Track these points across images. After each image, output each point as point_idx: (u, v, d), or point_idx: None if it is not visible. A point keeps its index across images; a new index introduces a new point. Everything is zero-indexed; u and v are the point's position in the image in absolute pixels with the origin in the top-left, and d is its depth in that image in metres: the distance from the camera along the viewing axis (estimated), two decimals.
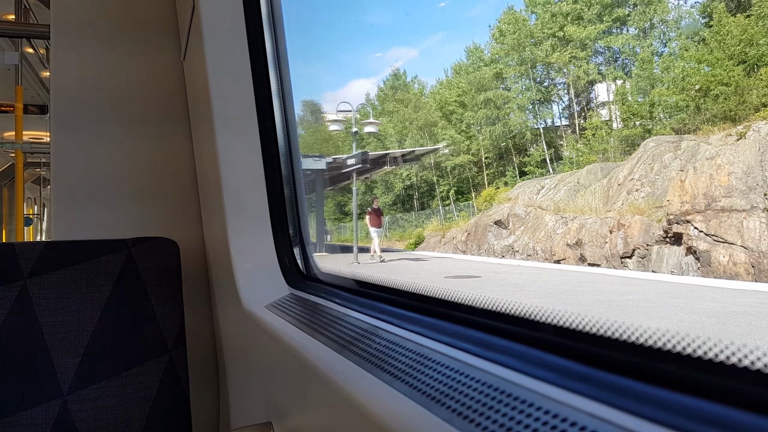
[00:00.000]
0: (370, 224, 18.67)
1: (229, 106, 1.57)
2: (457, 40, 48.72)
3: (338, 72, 49.03)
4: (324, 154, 27.34)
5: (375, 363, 0.69)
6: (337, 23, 46.74)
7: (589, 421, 0.40)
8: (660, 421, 0.38)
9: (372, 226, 18.59)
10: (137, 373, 1.60)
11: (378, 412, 0.58)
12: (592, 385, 0.46)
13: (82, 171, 1.94)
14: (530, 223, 17.18)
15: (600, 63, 27.88)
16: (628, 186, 14.69)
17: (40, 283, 1.56)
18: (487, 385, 0.53)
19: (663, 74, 22.73)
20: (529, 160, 28.94)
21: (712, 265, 9.91)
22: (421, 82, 37.64)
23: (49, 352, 1.53)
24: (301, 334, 0.94)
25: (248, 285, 1.47)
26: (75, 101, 1.94)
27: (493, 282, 10.35)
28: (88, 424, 1.52)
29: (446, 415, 0.50)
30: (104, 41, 1.99)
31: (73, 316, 1.57)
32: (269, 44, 1.59)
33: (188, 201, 2.06)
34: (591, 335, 0.53)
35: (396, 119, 34.95)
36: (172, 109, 2.06)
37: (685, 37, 22.27)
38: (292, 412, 1.00)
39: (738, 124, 13.89)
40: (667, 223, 11.31)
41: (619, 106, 24.62)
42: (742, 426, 0.34)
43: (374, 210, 19.54)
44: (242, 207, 1.56)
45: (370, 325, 0.87)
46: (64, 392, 1.52)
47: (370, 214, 19.14)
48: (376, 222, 18.84)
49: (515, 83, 30.59)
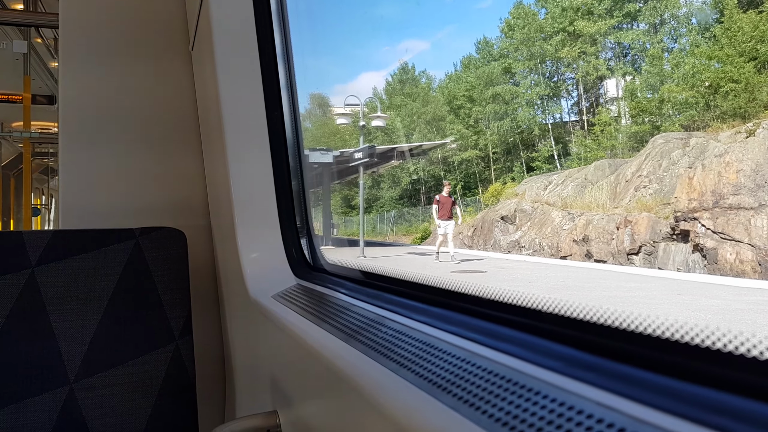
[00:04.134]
0: (438, 216, 13.99)
1: (237, 99, 1.57)
2: (466, 33, 48.53)
3: (348, 65, 48.98)
4: (331, 147, 27.32)
5: (381, 352, 0.69)
6: (348, 16, 46.64)
7: (595, 408, 0.40)
8: (666, 408, 0.38)
9: (441, 219, 13.90)
10: (144, 361, 1.61)
11: (384, 400, 0.58)
12: (598, 374, 0.46)
13: (89, 160, 1.95)
14: (537, 219, 17.14)
15: (609, 59, 27.71)
16: (636, 182, 14.62)
17: (48, 271, 1.57)
18: (493, 374, 0.53)
19: (673, 71, 22.57)
20: (536, 156, 28.82)
21: (718, 263, 9.86)
22: (429, 76, 37.55)
23: (57, 339, 1.54)
24: (307, 324, 0.94)
25: (255, 275, 1.47)
26: (83, 89, 1.95)
27: (498, 277, 10.34)
28: (95, 412, 1.53)
29: (452, 403, 0.50)
30: (113, 32, 1.99)
31: (80, 304, 1.58)
32: (278, 38, 1.59)
33: (196, 191, 2.06)
34: (596, 325, 0.53)
35: (404, 113, 34.88)
36: (181, 101, 2.06)
37: (696, 33, 22.11)
38: (298, 400, 1.01)
39: (748, 122, 13.79)
40: (675, 220, 11.25)
41: (628, 102, 24.47)
42: (748, 413, 0.34)
43: (444, 197, 14.36)
44: (250, 198, 1.56)
45: (376, 315, 0.87)
46: (71, 380, 1.53)
47: (438, 202, 14.23)
48: (446, 212, 13.93)
49: (524, 78, 30.46)
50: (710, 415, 0.35)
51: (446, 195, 14.36)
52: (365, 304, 0.98)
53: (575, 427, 0.39)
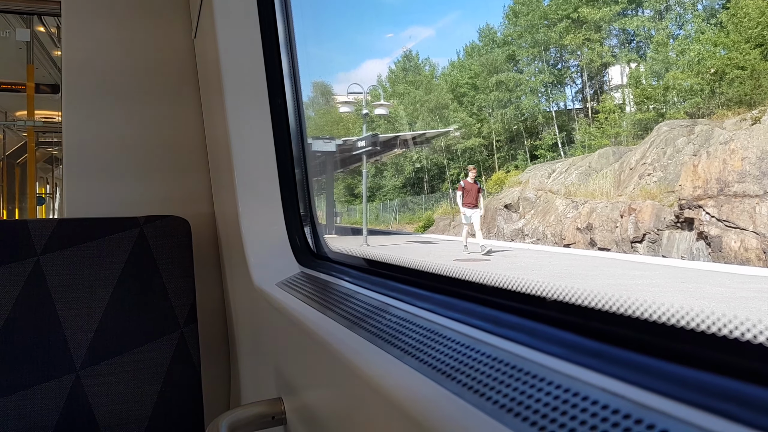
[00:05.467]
0: (463, 203, 12.97)
1: (240, 86, 1.57)
2: (471, 20, 48.19)
3: (352, 52, 48.73)
4: (334, 136, 27.26)
5: (385, 339, 0.69)
6: (352, 1, 46.34)
7: (600, 395, 0.41)
8: (670, 394, 0.38)
9: (465, 206, 12.89)
10: (149, 349, 1.62)
11: (388, 386, 0.58)
12: (603, 360, 0.46)
13: (94, 149, 1.95)
14: (540, 207, 17.11)
15: (614, 45, 27.52)
16: (640, 170, 14.57)
17: (53, 259, 1.58)
18: (498, 360, 0.53)
19: (678, 57, 22.41)
20: (540, 144, 28.72)
21: (723, 251, 9.84)
22: (433, 63, 37.35)
23: (63, 327, 1.55)
24: (311, 311, 0.95)
25: (259, 263, 1.48)
26: (86, 78, 1.95)
27: (501, 265, 10.34)
28: (101, 399, 1.54)
29: (457, 389, 0.50)
30: (115, 18, 1.98)
31: (85, 292, 1.59)
32: (281, 24, 1.58)
33: (200, 179, 2.06)
34: (601, 312, 0.53)
35: (407, 101, 34.77)
36: (184, 88, 2.06)
37: (701, 19, 21.92)
38: (302, 387, 1.01)
39: (753, 109, 13.71)
40: (679, 208, 11.23)
41: (632, 90, 24.33)
42: (753, 399, 0.34)
43: (469, 183, 13.26)
44: (253, 186, 1.57)
45: (380, 302, 0.88)
46: (77, 367, 1.54)
47: (463, 189, 13.14)
48: (472, 199, 12.92)
49: (528, 66, 30.30)
50: (715, 400, 0.35)
51: (471, 181, 13.26)
52: (369, 291, 0.98)
53: (580, 413, 0.39)
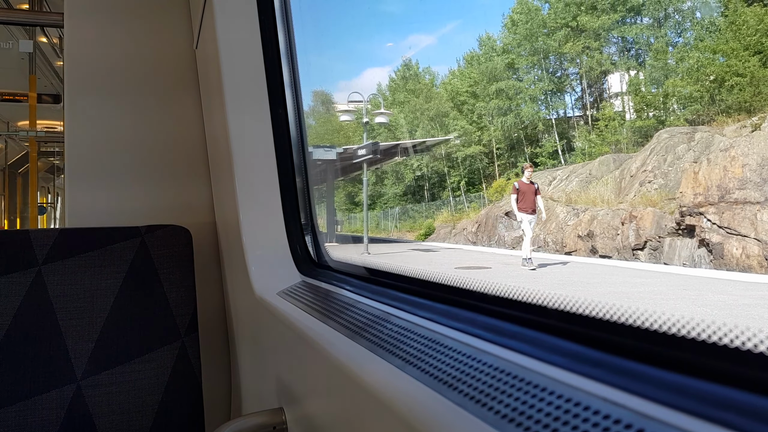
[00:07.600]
0: (519, 208, 11.14)
1: (241, 95, 1.57)
2: (470, 29, 48.40)
3: (352, 60, 48.93)
4: (335, 144, 27.30)
5: (387, 348, 0.69)
6: (352, 10, 46.57)
7: (602, 405, 0.40)
8: (673, 404, 0.38)
9: (521, 212, 11.10)
10: (150, 359, 1.61)
11: (390, 396, 0.58)
12: (605, 370, 0.46)
13: (95, 158, 1.95)
14: (541, 215, 17.10)
15: (613, 53, 27.60)
16: (641, 177, 14.57)
17: (55, 269, 1.58)
18: (499, 370, 0.53)
19: (677, 65, 22.46)
20: (540, 151, 28.75)
21: (724, 258, 9.83)
22: (432, 72, 37.45)
23: (64, 337, 1.54)
24: (312, 320, 0.94)
25: (260, 272, 1.48)
26: (88, 87, 1.95)
27: (503, 273, 10.32)
28: (102, 409, 1.54)
29: (459, 400, 0.50)
30: (117, 27, 1.99)
31: (87, 302, 1.59)
32: (281, 33, 1.59)
33: (201, 188, 2.07)
34: (603, 321, 0.53)
35: (407, 109, 34.83)
36: (185, 97, 2.07)
37: (700, 27, 21.99)
38: (304, 397, 1.01)
39: (753, 116, 13.72)
40: (680, 215, 11.22)
41: (632, 97, 24.38)
42: (756, 409, 0.34)
43: (524, 184, 11.39)
44: (254, 194, 1.57)
45: (381, 312, 0.87)
46: (78, 377, 1.53)
47: (518, 191, 11.25)
48: (529, 204, 11.09)
49: (527, 74, 30.37)
50: (717, 411, 0.35)
51: (527, 181, 11.45)
52: (370, 300, 0.98)
53: (582, 424, 0.39)
